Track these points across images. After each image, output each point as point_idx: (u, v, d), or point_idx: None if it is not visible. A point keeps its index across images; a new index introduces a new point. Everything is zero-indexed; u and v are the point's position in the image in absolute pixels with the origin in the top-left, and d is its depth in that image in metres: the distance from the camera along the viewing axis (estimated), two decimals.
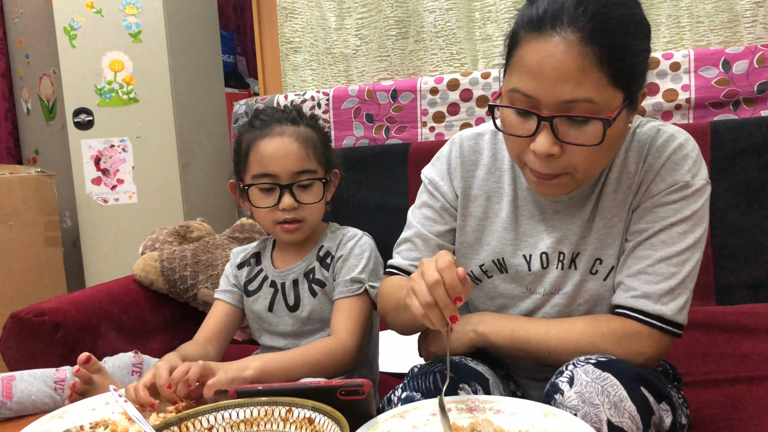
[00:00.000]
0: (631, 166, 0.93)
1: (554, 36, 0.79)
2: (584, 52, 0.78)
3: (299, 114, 1.19)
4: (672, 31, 1.78)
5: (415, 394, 0.88)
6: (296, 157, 1.14)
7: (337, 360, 1.09)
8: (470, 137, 1.05)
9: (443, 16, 1.97)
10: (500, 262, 1.01)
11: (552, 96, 0.80)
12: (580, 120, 0.81)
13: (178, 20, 2.66)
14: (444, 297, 0.78)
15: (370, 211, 1.84)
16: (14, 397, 1.08)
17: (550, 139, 0.82)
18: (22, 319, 1.32)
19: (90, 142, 2.64)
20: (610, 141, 0.83)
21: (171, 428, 0.82)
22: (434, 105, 1.91)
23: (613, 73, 0.79)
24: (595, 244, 0.95)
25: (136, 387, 0.94)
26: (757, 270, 1.52)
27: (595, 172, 0.88)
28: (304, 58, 2.20)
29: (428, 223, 1.05)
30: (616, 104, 0.81)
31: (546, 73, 0.80)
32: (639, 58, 0.83)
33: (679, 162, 0.91)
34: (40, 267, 2.50)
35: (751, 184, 1.53)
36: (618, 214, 0.94)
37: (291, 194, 1.13)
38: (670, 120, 1.69)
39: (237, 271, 1.27)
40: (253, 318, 1.25)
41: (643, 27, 0.84)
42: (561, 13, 0.79)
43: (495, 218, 1.02)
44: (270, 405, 0.85)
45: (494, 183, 1.02)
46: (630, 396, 0.79)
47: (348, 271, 1.17)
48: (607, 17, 0.79)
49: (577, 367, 0.83)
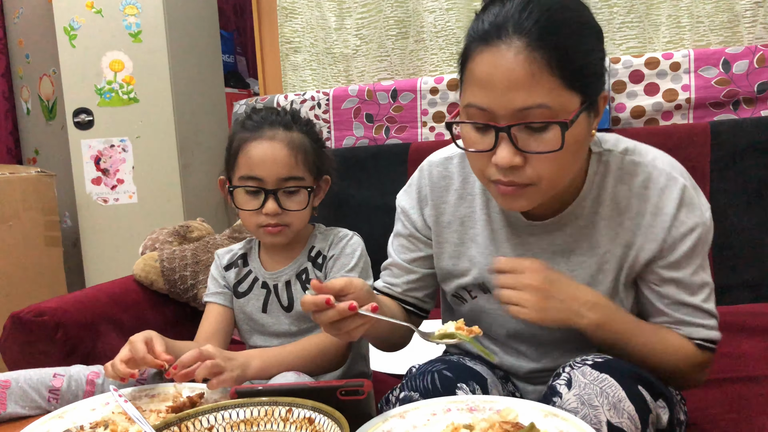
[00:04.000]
0: (623, 201, 0.91)
1: (501, 45, 0.78)
2: (532, 57, 0.76)
3: (294, 118, 1.18)
4: (672, 31, 1.78)
5: (413, 394, 0.88)
6: (284, 163, 1.13)
7: (330, 356, 1.11)
8: (439, 163, 1.03)
9: (443, 16, 1.97)
10: (482, 285, 1.00)
11: (506, 106, 0.79)
12: (538, 127, 0.79)
13: (178, 20, 2.66)
14: (328, 315, 0.81)
15: (370, 211, 1.84)
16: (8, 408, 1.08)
17: (510, 150, 0.80)
18: (22, 319, 1.32)
19: (90, 142, 2.64)
20: (572, 147, 0.81)
21: (171, 428, 0.82)
22: (434, 105, 1.91)
23: (566, 76, 0.77)
24: (587, 280, 0.93)
25: (113, 363, 0.97)
26: (757, 270, 1.52)
27: (561, 181, 0.86)
28: (304, 58, 2.20)
29: (402, 251, 1.06)
30: (573, 107, 0.80)
31: (497, 83, 0.78)
32: (590, 58, 0.81)
33: (689, 204, 0.89)
34: (40, 267, 2.50)
35: (751, 184, 1.53)
36: (611, 250, 0.92)
37: (275, 200, 1.13)
38: (670, 120, 1.69)
39: (224, 273, 1.26)
40: (244, 320, 1.25)
41: (592, 29, 0.83)
42: (506, 22, 0.78)
43: (471, 243, 1.00)
44: (270, 405, 0.85)
45: (466, 208, 1.01)
46: (628, 396, 0.79)
47: (339, 270, 1.17)
48: (551, 20, 0.78)
49: (574, 369, 0.83)
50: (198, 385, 1.06)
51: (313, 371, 1.07)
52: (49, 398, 1.09)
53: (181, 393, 1.03)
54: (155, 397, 1.03)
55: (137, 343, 0.98)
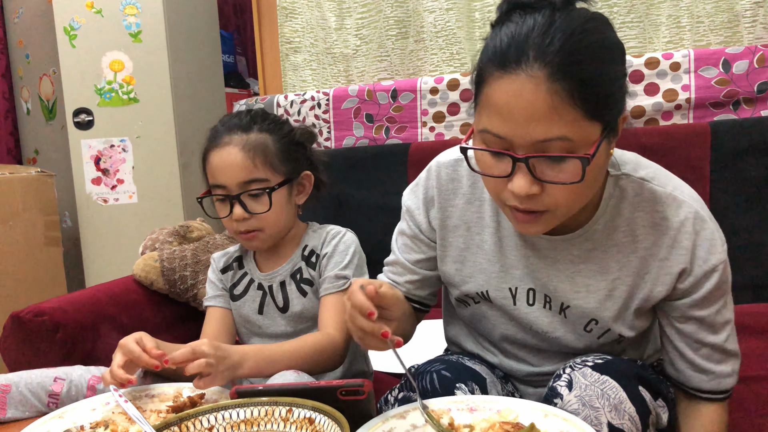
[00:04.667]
0: (639, 230, 0.88)
1: (521, 73, 0.73)
2: (553, 89, 0.72)
3: (253, 119, 1.17)
4: (672, 31, 1.78)
5: (412, 394, 0.88)
6: (241, 167, 1.12)
7: (327, 355, 1.09)
8: (448, 164, 0.99)
9: (443, 16, 1.97)
10: (485, 294, 0.98)
11: (525, 137, 0.75)
12: (558, 158, 0.75)
13: (178, 20, 2.66)
14: (363, 324, 0.79)
15: (370, 211, 1.84)
16: (8, 414, 1.08)
17: (528, 180, 0.77)
18: (22, 319, 1.32)
19: (90, 142, 2.64)
20: (591, 175, 0.78)
21: (171, 428, 0.82)
22: (434, 105, 1.91)
23: (588, 107, 0.73)
24: (592, 304, 0.91)
25: (111, 371, 0.96)
26: (757, 270, 1.52)
27: (578, 207, 0.83)
28: (304, 58, 2.20)
29: (406, 251, 1.04)
30: (594, 137, 0.76)
31: (516, 114, 0.74)
32: (615, 85, 0.78)
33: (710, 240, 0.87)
34: (40, 267, 2.50)
35: (751, 184, 1.53)
36: (621, 277, 0.90)
37: (241, 204, 1.12)
38: (670, 120, 1.69)
39: (221, 276, 1.26)
40: (241, 322, 1.24)
41: (617, 51, 0.79)
42: (526, 46, 0.73)
43: (477, 250, 0.98)
44: (270, 405, 0.85)
45: (474, 213, 0.98)
46: (629, 397, 0.79)
47: (333, 268, 1.17)
48: (576, 48, 0.73)
49: (575, 371, 0.83)
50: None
51: (309, 370, 1.06)
52: (48, 403, 1.08)
53: (181, 393, 1.03)
54: (155, 397, 1.03)
55: (129, 344, 0.96)
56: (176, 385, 1.06)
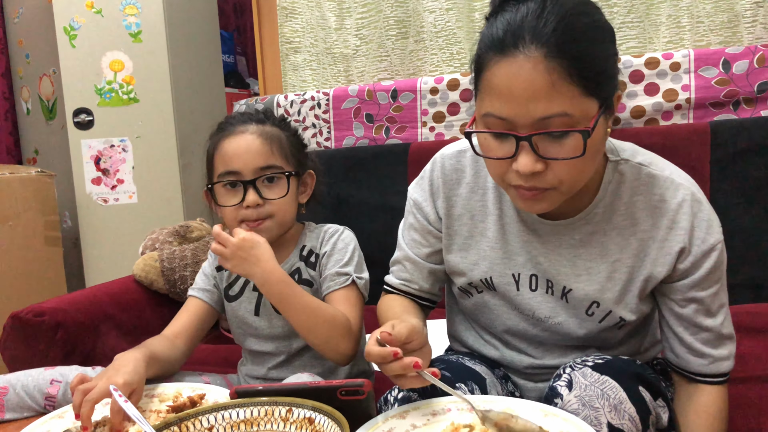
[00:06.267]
0: (638, 212, 0.91)
1: (518, 55, 0.77)
2: (551, 67, 0.76)
3: (266, 115, 1.19)
4: (672, 31, 1.78)
5: (412, 393, 0.88)
6: (259, 152, 1.12)
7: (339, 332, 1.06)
8: (451, 156, 1.02)
9: (443, 16, 1.97)
10: (488, 282, 1.00)
11: (526, 115, 0.78)
12: (559, 134, 0.79)
13: (178, 20, 2.66)
14: (395, 368, 0.80)
15: (370, 211, 1.84)
16: (5, 416, 1.07)
17: (532, 158, 0.80)
18: (22, 319, 1.32)
19: (90, 142, 2.64)
20: (592, 150, 0.81)
21: (171, 428, 0.82)
22: (434, 105, 1.91)
23: (585, 84, 0.77)
24: (594, 287, 0.93)
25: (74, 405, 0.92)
26: (757, 270, 1.52)
27: (581, 183, 0.86)
28: (304, 58, 2.19)
29: (415, 246, 1.05)
30: (593, 113, 0.79)
31: (516, 94, 0.77)
32: (608, 63, 0.81)
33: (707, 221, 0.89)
34: (40, 267, 2.50)
35: (751, 184, 1.53)
36: (621, 259, 0.92)
37: (255, 190, 1.11)
38: (670, 120, 1.69)
39: (216, 273, 1.25)
40: (236, 323, 1.23)
41: (607, 32, 0.83)
42: (522, 30, 0.77)
43: (481, 237, 1.00)
44: (270, 405, 0.85)
45: (477, 202, 1.00)
46: (629, 397, 0.79)
47: (333, 266, 1.16)
48: (569, 28, 0.77)
49: (575, 370, 0.84)
50: (199, 385, 1.06)
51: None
52: (45, 405, 1.08)
53: (181, 393, 1.03)
54: (155, 397, 1.03)
55: (78, 396, 0.91)
56: (176, 385, 1.06)
